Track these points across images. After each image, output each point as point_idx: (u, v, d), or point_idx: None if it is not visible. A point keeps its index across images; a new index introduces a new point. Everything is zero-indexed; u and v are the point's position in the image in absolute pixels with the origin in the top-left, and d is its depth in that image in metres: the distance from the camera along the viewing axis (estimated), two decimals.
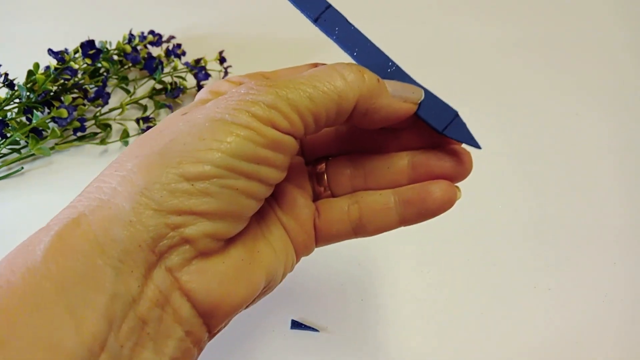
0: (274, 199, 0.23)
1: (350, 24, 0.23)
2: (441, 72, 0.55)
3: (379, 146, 0.24)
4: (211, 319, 0.19)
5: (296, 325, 0.34)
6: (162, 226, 0.17)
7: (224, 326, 0.20)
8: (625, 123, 0.49)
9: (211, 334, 0.20)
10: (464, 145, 0.23)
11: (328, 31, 0.22)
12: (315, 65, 0.23)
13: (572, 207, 0.42)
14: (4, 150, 0.45)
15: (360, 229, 0.24)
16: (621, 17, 0.61)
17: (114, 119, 0.49)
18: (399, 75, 0.22)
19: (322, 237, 0.24)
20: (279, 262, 0.22)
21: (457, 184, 0.23)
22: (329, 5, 0.22)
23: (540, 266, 0.38)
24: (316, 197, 0.24)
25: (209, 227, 0.18)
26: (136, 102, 0.51)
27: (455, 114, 0.22)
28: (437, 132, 0.22)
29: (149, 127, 0.47)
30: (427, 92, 0.22)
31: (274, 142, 0.18)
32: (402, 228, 0.24)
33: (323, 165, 0.25)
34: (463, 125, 0.22)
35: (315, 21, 0.22)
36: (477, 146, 0.22)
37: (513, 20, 0.60)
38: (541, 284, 0.37)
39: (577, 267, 0.38)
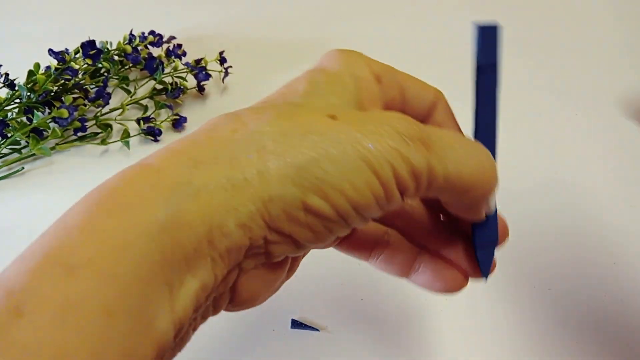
0: None
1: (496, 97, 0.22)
2: (441, 70, 0.55)
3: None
4: (233, 309, 0.19)
5: (296, 324, 0.34)
6: (260, 238, 0.17)
7: None
8: (626, 122, 0.49)
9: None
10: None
11: (478, 85, 0.21)
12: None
13: (572, 207, 0.42)
14: (5, 150, 0.46)
15: (370, 257, 0.25)
16: (619, 17, 0.61)
17: (115, 119, 0.49)
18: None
19: (342, 246, 0.25)
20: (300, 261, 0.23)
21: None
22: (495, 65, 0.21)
23: (540, 266, 0.38)
24: None
25: (291, 250, 0.18)
26: (137, 102, 0.51)
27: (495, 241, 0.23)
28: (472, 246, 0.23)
29: (149, 127, 0.47)
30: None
31: (389, 203, 0.17)
32: None
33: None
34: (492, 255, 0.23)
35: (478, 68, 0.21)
36: (484, 276, 0.24)
37: (513, 21, 0.60)
38: (541, 284, 0.37)
39: (577, 267, 0.38)
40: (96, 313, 0.13)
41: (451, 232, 0.24)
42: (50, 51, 0.48)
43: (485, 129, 0.22)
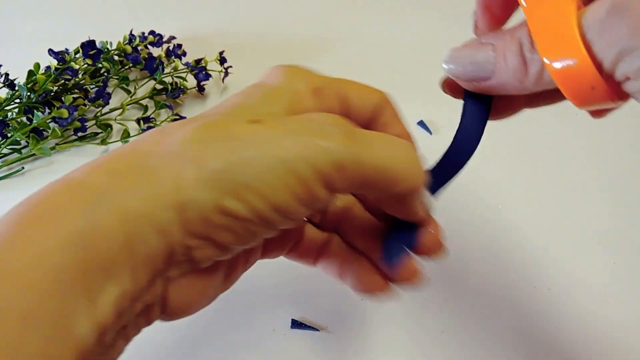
0: None
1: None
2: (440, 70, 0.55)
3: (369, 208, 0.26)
4: (170, 318, 0.20)
5: (296, 324, 0.34)
6: (181, 245, 0.17)
7: None
8: (626, 122, 0.49)
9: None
10: None
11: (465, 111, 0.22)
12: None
13: (572, 206, 0.42)
14: (5, 151, 0.46)
15: (315, 262, 0.26)
16: None
17: (115, 119, 0.49)
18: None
19: (291, 254, 0.26)
20: (244, 271, 0.23)
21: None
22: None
23: (540, 266, 0.38)
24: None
25: (215, 254, 0.18)
26: (137, 102, 0.51)
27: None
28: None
29: (149, 128, 0.47)
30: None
31: (315, 201, 0.17)
32: None
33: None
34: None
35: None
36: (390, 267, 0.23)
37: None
38: (541, 284, 0.37)
39: (577, 267, 0.38)
40: (13, 319, 0.13)
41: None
42: (50, 51, 0.48)
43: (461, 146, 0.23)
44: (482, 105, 0.22)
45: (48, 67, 0.48)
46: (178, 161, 0.17)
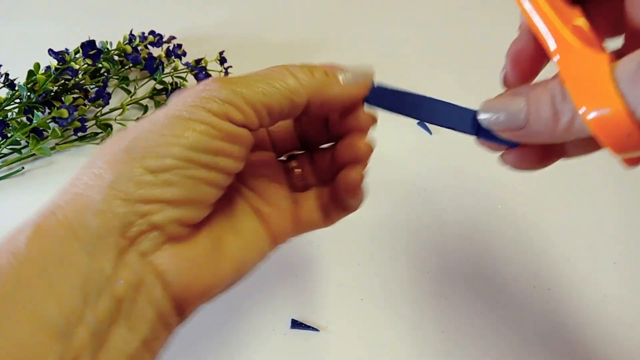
0: (255, 192, 0.25)
1: (396, 90, 0.24)
2: (439, 69, 0.55)
3: (324, 141, 0.27)
4: (181, 303, 0.21)
5: (296, 324, 0.34)
6: (130, 214, 0.19)
7: (193, 313, 0.22)
8: None
9: (181, 319, 0.21)
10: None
11: (380, 105, 0.24)
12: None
13: (572, 206, 0.42)
14: (5, 150, 0.46)
15: (328, 217, 0.26)
16: None
17: (115, 119, 0.49)
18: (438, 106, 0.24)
19: (302, 225, 0.26)
20: (250, 252, 0.24)
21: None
22: (375, 86, 0.24)
23: (540, 266, 0.38)
24: (293, 189, 0.27)
25: (175, 214, 0.20)
26: (137, 102, 0.51)
27: (474, 114, 0.23)
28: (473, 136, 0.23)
29: None
30: (446, 103, 0.24)
31: (229, 135, 0.20)
32: (403, 227, 0.26)
33: (295, 162, 0.27)
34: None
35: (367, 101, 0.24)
36: (513, 145, 0.23)
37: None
38: (541, 284, 0.37)
39: (577, 267, 0.38)
40: None
41: None
42: (50, 51, 0.48)
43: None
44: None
45: (48, 67, 0.48)
46: (98, 161, 0.20)
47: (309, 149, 0.28)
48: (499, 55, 0.25)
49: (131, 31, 0.54)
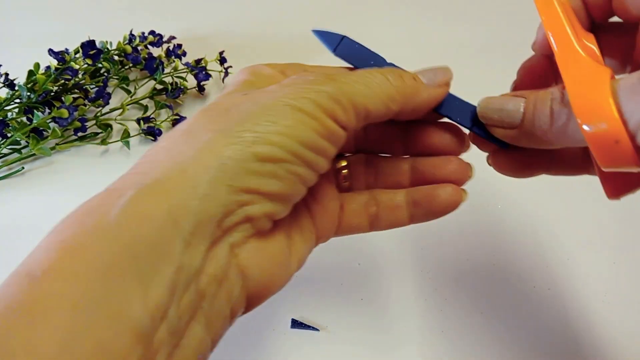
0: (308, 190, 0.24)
1: (363, 47, 0.24)
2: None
3: (388, 149, 0.26)
4: (253, 299, 0.20)
5: (296, 324, 0.34)
6: (232, 202, 0.18)
7: None
8: None
9: (243, 314, 0.21)
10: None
11: (346, 58, 0.24)
12: (350, 69, 0.25)
13: (572, 206, 0.42)
14: (5, 150, 0.46)
15: (375, 224, 0.26)
16: None
17: (115, 119, 0.49)
18: None
19: (343, 228, 0.26)
20: (307, 249, 0.23)
21: (463, 187, 0.25)
22: (344, 37, 0.24)
23: (540, 266, 0.38)
24: (338, 191, 0.26)
25: (269, 208, 0.19)
26: (137, 102, 0.51)
27: (474, 110, 0.23)
28: (467, 128, 0.24)
29: (149, 127, 0.47)
30: (449, 94, 0.24)
31: (332, 134, 0.20)
32: (404, 227, 0.26)
33: (345, 162, 0.26)
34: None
35: (334, 51, 0.24)
36: (503, 145, 0.23)
37: (512, 21, 0.60)
38: (541, 284, 0.37)
39: (577, 267, 0.38)
40: (63, 309, 0.14)
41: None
42: (50, 51, 0.48)
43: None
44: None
45: (48, 67, 0.47)
46: (195, 138, 0.18)
47: (362, 152, 0.27)
48: (502, 56, 0.25)
49: (131, 31, 0.54)
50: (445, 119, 0.24)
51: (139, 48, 0.53)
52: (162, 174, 0.17)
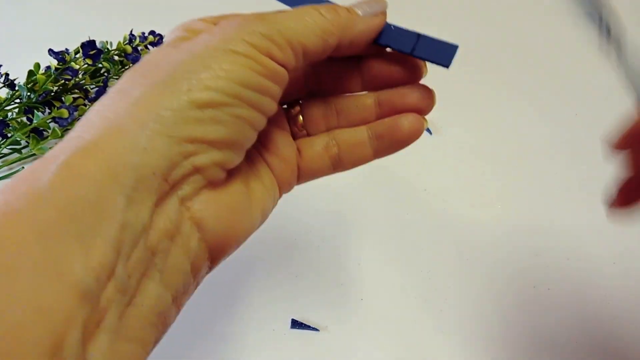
0: (258, 140, 0.24)
1: None
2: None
3: (347, 87, 0.25)
4: (217, 252, 0.19)
5: (296, 324, 0.34)
6: (176, 154, 0.17)
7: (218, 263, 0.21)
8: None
9: (210, 270, 0.20)
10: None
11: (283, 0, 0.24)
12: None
13: (572, 206, 0.42)
14: (5, 151, 0.46)
15: (338, 164, 0.25)
16: None
17: None
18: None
19: (303, 174, 0.25)
20: (270, 198, 0.23)
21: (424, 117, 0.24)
22: None
23: (540, 266, 0.38)
24: (293, 137, 0.26)
25: (218, 156, 0.18)
26: None
27: (418, 36, 0.23)
28: (408, 56, 0.23)
29: None
30: (388, 24, 0.23)
31: (271, 72, 0.19)
32: (403, 227, 0.25)
33: (298, 108, 0.26)
34: (430, 43, 0.23)
35: None
36: (445, 64, 0.23)
37: (513, 20, 0.60)
38: (541, 284, 0.37)
39: (577, 267, 0.38)
40: None
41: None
42: (50, 51, 0.48)
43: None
44: None
45: (48, 67, 0.47)
46: (128, 92, 0.18)
47: (314, 95, 0.26)
48: (496, 55, 0.25)
49: (131, 31, 0.54)
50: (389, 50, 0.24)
51: (139, 48, 0.53)
52: (97, 135, 0.16)
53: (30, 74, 0.46)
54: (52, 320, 0.13)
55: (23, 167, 0.45)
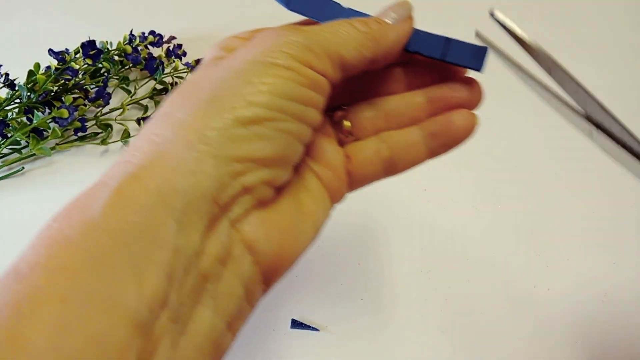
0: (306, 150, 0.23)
1: None
2: None
3: (392, 89, 0.24)
4: (270, 273, 0.19)
5: (296, 324, 0.34)
6: (224, 174, 0.17)
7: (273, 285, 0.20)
8: (624, 122, 0.49)
9: (265, 291, 0.20)
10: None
11: (301, 10, 0.24)
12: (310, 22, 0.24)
13: (572, 206, 0.42)
14: (5, 150, 0.46)
15: (391, 168, 0.24)
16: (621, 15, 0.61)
17: (115, 119, 0.49)
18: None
19: (355, 180, 0.24)
20: (321, 210, 0.22)
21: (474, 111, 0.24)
22: None
23: (540, 266, 0.38)
24: (341, 144, 0.25)
25: (266, 174, 0.18)
26: (137, 102, 0.51)
27: (446, 40, 0.23)
28: (440, 62, 0.23)
29: None
30: (415, 29, 0.23)
31: (313, 82, 0.19)
32: (403, 227, 0.25)
33: (341, 113, 0.25)
34: (460, 47, 0.23)
35: (287, 5, 0.24)
36: (477, 68, 0.23)
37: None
38: (541, 284, 0.37)
39: (577, 267, 0.38)
40: (49, 303, 0.13)
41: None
42: (50, 51, 0.48)
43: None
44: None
45: (48, 67, 0.47)
46: (171, 117, 0.18)
47: (358, 99, 0.25)
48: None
49: (131, 31, 0.54)
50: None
51: (139, 48, 0.53)
52: (145, 159, 0.16)
53: (30, 74, 0.46)
54: (106, 351, 0.13)
55: (23, 167, 0.45)
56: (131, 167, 0.16)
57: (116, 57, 0.52)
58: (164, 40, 0.55)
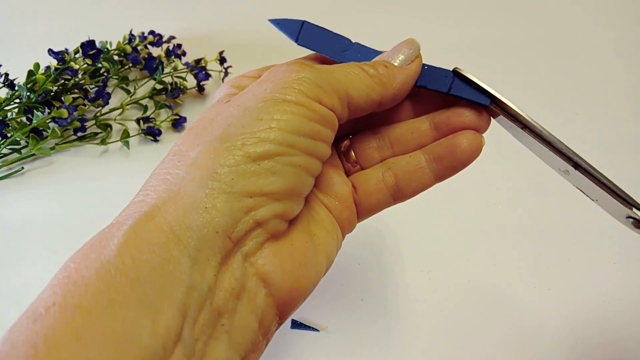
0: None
1: (326, 30, 0.24)
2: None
3: (397, 117, 0.25)
4: (284, 305, 0.19)
5: (296, 324, 0.34)
6: (236, 210, 0.17)
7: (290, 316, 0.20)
8: (624, 122, 0.49)
9: (280, 324, 0.20)
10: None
11: (309, 45, 0.24)
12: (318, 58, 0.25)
13: (572, 206, 0.42)
14: (5, 150, 0.46)
15: (398, 194, 0.24)
16: (613, 16, 0.61)
17: (115, 119, 0.49)
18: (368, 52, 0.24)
19: (363, 210, 0.24)
20: (333, 242, 0.22)
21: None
22: (304, 22, 0.24)
23: (540, 266, 0.38)
24: (347, 174, 0.25)
25: (278, 208, 0.18)
26: (136, 102, 0.51)
27: (452, 73, 0.23)
28: (446, 95, 0.23)
29: (149, 127, 0.47)
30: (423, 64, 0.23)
31: (322, 117, 0.19)
32: (404, 227, 0.25)
33: (347, 142, 0.25)
34: (467, 81, 0.23)
35: (296, 40, 0.24)
36: (484, 103, 0.23)
37: (513, 21, 0.60)
38: (541, 284, 0.37)
39: (577, 267, 0.38)
40: (65, 342, 0.13)
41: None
42: (50, 51, 0.48)
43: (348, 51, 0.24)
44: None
45: (48, 67, 0.47)
46: (185, 156, 0.18)
47: (364, 128, 0.26)
48: (499, 55, 0.25)
49: (131, 31, 0.54)
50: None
51: (139, 48, 0.53)
52: (158, 198, 0.17)
53: (30, 74, 0.46)
54: None
55: (23, 167, 0.45)
56: (145, 207, 0.17)
57: (116, 57, 0.52)
58: (163, 40, 0.55)
